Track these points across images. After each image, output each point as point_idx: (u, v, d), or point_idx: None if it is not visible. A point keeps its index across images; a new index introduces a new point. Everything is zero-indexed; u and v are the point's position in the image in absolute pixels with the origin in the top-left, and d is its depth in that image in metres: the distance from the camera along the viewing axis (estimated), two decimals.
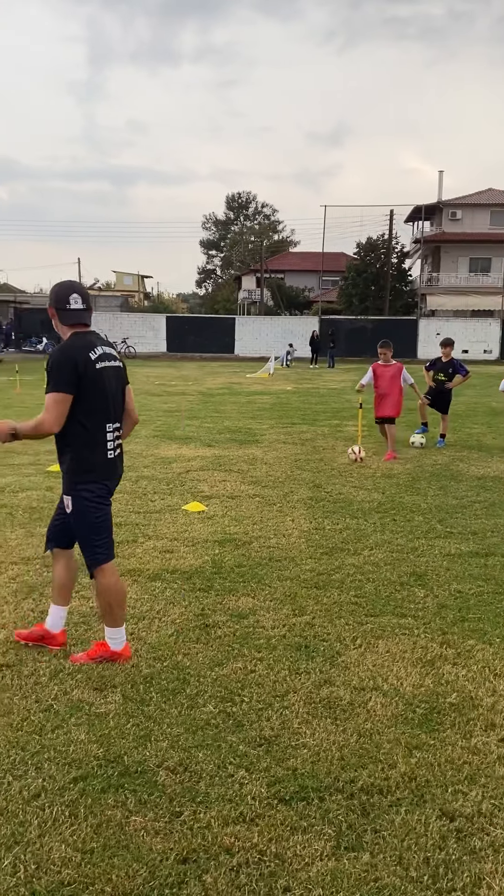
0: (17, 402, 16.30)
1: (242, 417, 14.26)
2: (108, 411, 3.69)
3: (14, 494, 7.48)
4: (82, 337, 3.68)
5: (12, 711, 3.32)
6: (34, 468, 8.86)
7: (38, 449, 10.17)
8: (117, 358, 3.84)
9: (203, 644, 4.06)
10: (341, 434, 12.11)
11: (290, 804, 2.72)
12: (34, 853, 2.45)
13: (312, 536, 6.14)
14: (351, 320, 43.12)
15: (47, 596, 4.71)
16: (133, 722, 3.26)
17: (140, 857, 2.43)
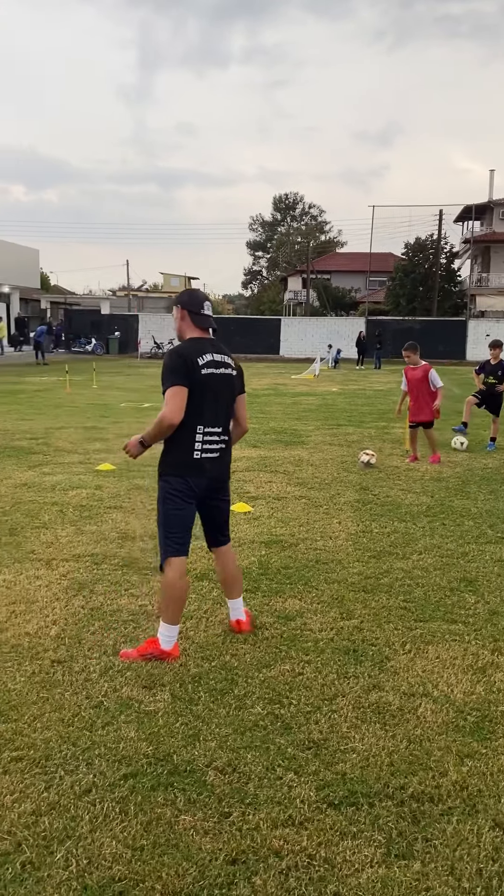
0: (68, 401, 16.57)
1: (288, 418, 14.24)
2: (202, 415, 3.83)
3: (64, 492, 7.60)
4: (197, 342, 3.89)
5: (63, 707, 3.38)
6: (83, 467, 9.00)
7: (88, 448, 10.34)
8: (231, 366, 3.97)
9: (251, 645, 4.06)
10: (388, 436, 12.00)
11: (339, 809, 2.70)
12: (86, 848, 2.48)
13: (360, 539, 6.09)
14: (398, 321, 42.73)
15: (98, 593, 4.79)
16: (182, 721, 3.28)
17: (189, 857, 2.45)
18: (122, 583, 5.01)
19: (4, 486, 7.79)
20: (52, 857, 2.44)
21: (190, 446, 3.84)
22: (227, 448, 4.02)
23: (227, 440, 4.00)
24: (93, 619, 4.39)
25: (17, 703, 3.40)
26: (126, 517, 6.69)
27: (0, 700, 3.42)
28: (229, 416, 4.01)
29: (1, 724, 3.21)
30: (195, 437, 3.84)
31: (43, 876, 2.35)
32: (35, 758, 2.98)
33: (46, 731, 3.17)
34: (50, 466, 8.99)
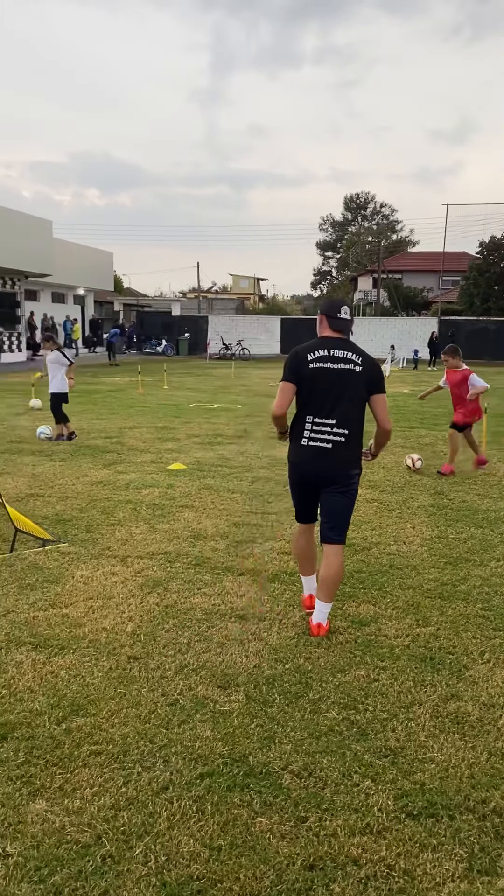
0: (140, 401, 16.84)
1: None
2: (310, 406, 4.12)
3: (138, 491, 7.72)
4: (320, 340, 4.20)
5: (140, 703, 3.42)
6: (156, 466, 9.12)
7: (160, 448, 10.48)
8: (355, 363, 4.13)
9: (325, 649, 4.03)
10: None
11: (418, 820, 2.65)
12: (164, 845, 2.50)
13: (435, 545, 5.97)
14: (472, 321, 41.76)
15: (171, 591, 4.84)
16: (256, 722, 3.27)
17: (267, 859, 2.44)
18: (195, 581, 5.04)
19: (81, 484, 7.97)
20: (132, 851, 2.47)
21: (300, 435, 4.18)
22: (344, 442, 4.11)
23: (344, 434, 4.10)
24: (167, 616, 4.44)
25: (95, 697, 3.46)
26: (198, 516, 6.74)
27: (79, 694, 3.49)
28: (349, 410, 4.11)
29: (80, 718, 3.28)
30: (304, 426, 4.15)
31: (123, 870, 2.39)
32: (113, 753, 3.03)
33: (124, 727, 3.22)
34: (124, 465, 9.15)
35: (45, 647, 3.98)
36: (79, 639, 4.10)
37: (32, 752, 3.02)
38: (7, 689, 3.52)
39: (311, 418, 4.11)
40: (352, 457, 4.17)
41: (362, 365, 4.13)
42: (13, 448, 10.15)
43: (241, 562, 5.49)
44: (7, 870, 2.38)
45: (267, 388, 21.57)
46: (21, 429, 12.00)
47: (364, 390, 4.14)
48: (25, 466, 8.91)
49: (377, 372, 4.22)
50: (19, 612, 4.45)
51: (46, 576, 5.10)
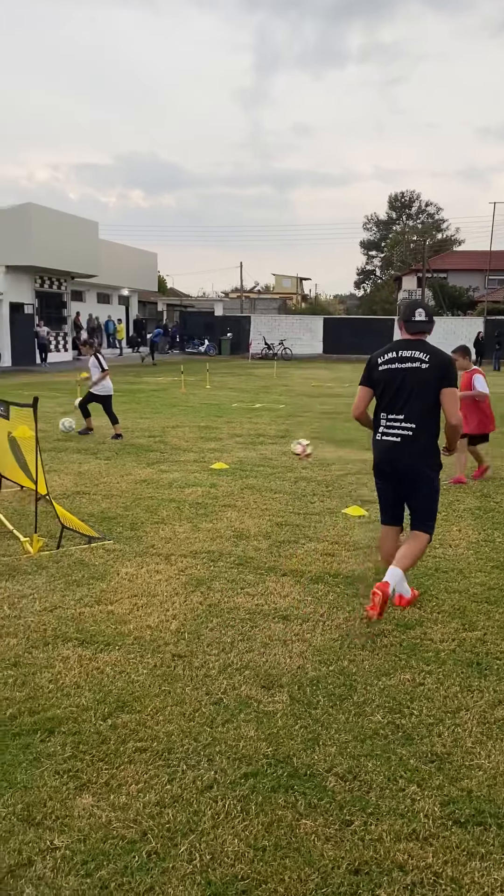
0: (182, 401, 16.95)
1: None
2: (384, 404, 4.48)
3: (181, 490, 7.77)
4: (393, 343, 4.54)
5: (184, 701, 3.44)
6: (198, 465, 9.17)
7: (202, 447, 10.53)
8: (422, 360, 4.39)
9: (369, 652, 3.99)
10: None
11: (465, 827, 2.61)
12: (208, 843, 2.51)
13: (482, 548, 5.87)
14: None
15: (215, 590, 4.86)
16: (301, 724, 3.26)
17: (311, 862, 2.43)
18: (239, 581, 5.05)
19: (125, 483, 8.05)
20: (177, 849, 2.48)
21: (376, 431, 4.56)
22: (411, 436, 4.38)
23: (412, 428, 4.37)
24: (211, 615, 4.45)
25: (140, 694, 3.49)
26: (240, 516, 6.76)
27: (124, 691, 3.52)
28: (417, 406, 4.37)
29: (125, 715, 3.31)
30: (379, 422, 4.52)
31: (168, 867, 2.40)
32: (158, 750, 3.05)
33: (168, 725, 3.24)
34: (167, 464, 9.22)
35: (91, 643, 4.03)
36: (124, 635, 4.14)
37: (79, 746, 3.06)
38: (54, 684, 3.57)
39: (384, 415, 4.48)
40: (422, 450, 4.40)
41: (429, 362, 4.37)
42: (60, 446, 10.31)
43: (285, 562, 5.48)
44: (55, 862, 2.41)
45: (309, 387, 21.51)
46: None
47: (433, 386, 4.35)
48: (72, 464, 9.04)
49: (445, 368, 4.39)
50: (66, 608, 4.51)
51: (92, 572, 5.16)
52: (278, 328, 41.97)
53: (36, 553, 5.54)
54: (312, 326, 42.31)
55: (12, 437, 7.05)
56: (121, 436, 11.12)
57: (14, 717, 3.27)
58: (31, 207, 27.58)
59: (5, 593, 4.74)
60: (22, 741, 3.09)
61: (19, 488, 7.51)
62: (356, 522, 6.62)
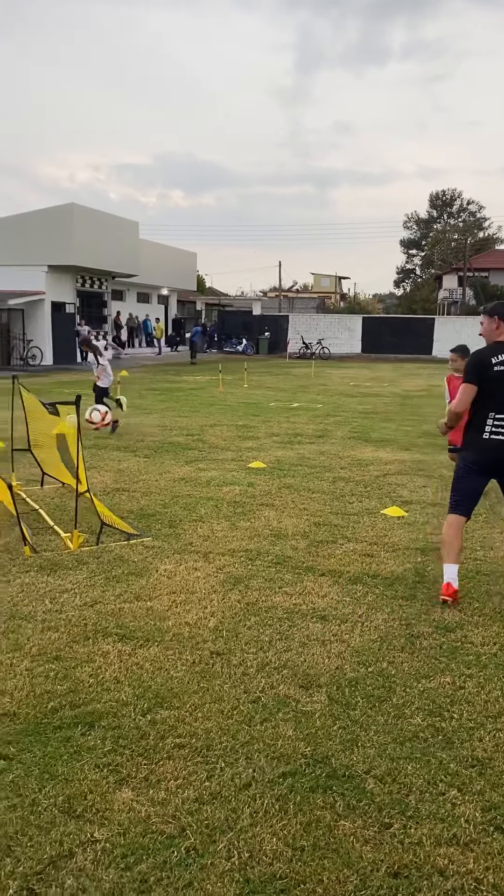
0: (220, 399, 17.01)
1: None
2: (494, 404, 4.59)
3: (219, 488, 7.80)
4: (498, 345, 4.64)
5: (223, 699, 3.45)
6: (236, 464, 9.19)
7: (240, 446, 10.55)
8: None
9: (408, 654, 3.96)
10: None
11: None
12: (247, 841, 2.51)
13: None
14: None
15: (253, 588, 4.86)
16: (339, 724, 3.25)
17: (350, 864, 2.41)
18: (276, 580, 5.05)
19: (164, 480, 8.11)
20: (215, 846, 2.49)
21: (481, 430, 4.63)
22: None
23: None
24: (249, 613, 4.46)
25: (179, 691, 3.51)
26: (278, 515, 6.75)
27: (163, 687, 3.54)
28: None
29: (164, 711, 3.33)
30: (486, 421, 4.61)
31: (206, 864, 2.41)
32: (197, 746, 3.06)
33: (207, 722, 3.25)
34: (205, 462, 9.26)
35: (130, 639, 4.07)
36: (163, 632, 4.17)
37: (119, 741, 3.09)
38: (94, 679, 3.61)
39: (493, 415, 4.58)
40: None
41: None
42: (100, 443, 10.42)
43: (323, 562, 5.46)
44: (95, 855, 2.44)
45: (347, 387, 21.41)
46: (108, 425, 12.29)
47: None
48: (112, 461, 9.13)
49: None
50: (106, 604, 4.56)
51: (131, 569, 5.21)
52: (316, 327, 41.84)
53: (77, 549, 5.61)
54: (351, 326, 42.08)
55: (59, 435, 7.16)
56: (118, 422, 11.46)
57: (55, 710, 3.31)
58: (72, 208, 27.94)
59: (47, 588, 4.81)
60: (63, 734, 3.13)
61: (61, 485, 7.62)
62: (396, 523, 6.56)
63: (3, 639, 4.06)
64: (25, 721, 3.23)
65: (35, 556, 5.44)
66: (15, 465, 7.57)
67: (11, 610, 4.45)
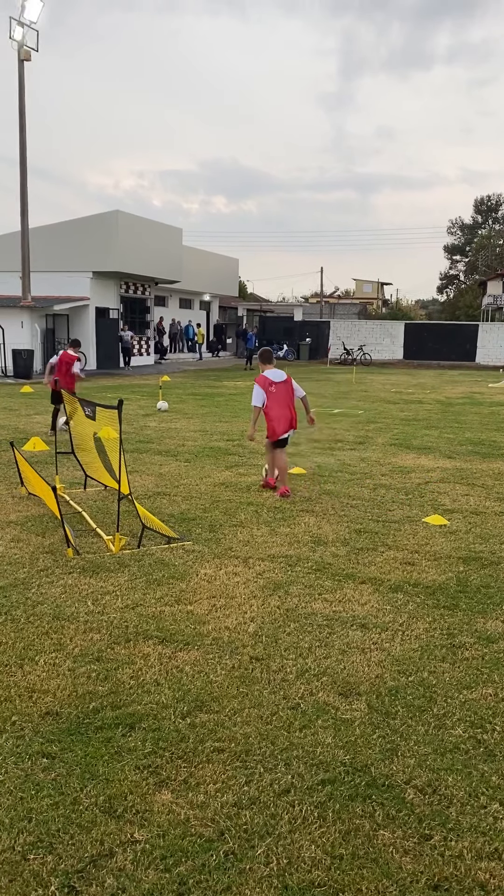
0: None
1: (486, 429, 13.61)
2: None
3: (259, 493, 7.81)
4: None
5: (262, 704, 3.45)
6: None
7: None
8: None
9: (450, 664, 3.91)
10: None
11: None
12: (285, 848, 2.51)
13: None
14: None
15: (292, 594, 4.86)
16: (379, 733, 3.22)
17: (389, 874, 2.39)
18: (316, 586, 5.04)
19: (205, 485, 8.15)
20: (254, 851, 2.49)
21: None
22: None
23: None
24: (288, 619, 4.45)
25: (219, 695, 3.53)
26: (318, 521, 6.73)
27: (203, 691, 3.56)
28: None
29: (204, 714, 3.35)
30: None
31: (245, 868, 2.41)
32: (236, 751, 3.07)
33: (246, 727, 3.26)
34: (245, 468, 9.28)
35: (170, 642, 4.10)
36: (203, 636, 4.19)
37: (159, 743, 3.11)
38: (135, 681, 3.65)
39: None
40: None
41: None
42: (142, 448, 10.53)
43: (363, 569, 5.43)
44: (135, 855, 2.46)
45: (389, 393, 21.24)
46: (150, 429, 12.42)
47: None
48: (153, 465, 9.21)
49: None
50: (147, 606, 4.60)
51: (172, 572, 5.25)
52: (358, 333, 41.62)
53: (118, 551, 5.67)
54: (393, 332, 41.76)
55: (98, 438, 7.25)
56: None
57: (97, 711, 3.36)
58: (117, 215, 28.31)
59: (89, 589, 4.88)
60: (104, 735, 3.17)
61: (103, 487, 7.72)
62: (437, 532, 6.49)
63: (46, 639, 4.12)
64: (68, 720, 3.28)
65: (78, 558, 5.52)
66: (59, 467, 7.69)
67: (55, 610, 4.52)
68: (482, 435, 12.76)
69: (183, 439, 11.43)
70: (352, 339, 40.39)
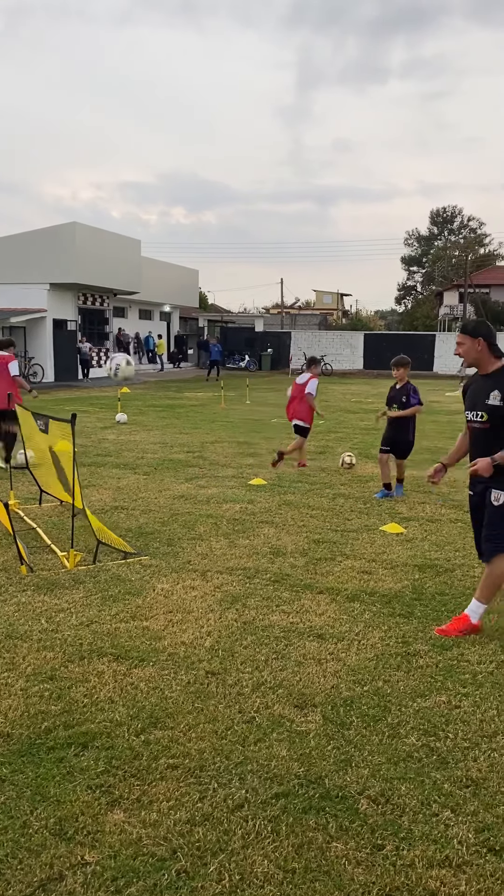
0: (222, 416, 17.03)
1: (442, 437, 13.80)
2: None
3: (218, 505, 7.80)
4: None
5: (217, 719, 3.43)
6: (236, 481, 9.19)
7: (241, 463, 10.56)
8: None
9: (404, 672, 3.94)
10: None
11: (500, 855, 2.55)
12: (238, 863, 2.50)
13: None
14: None
15: (250, 607, 4.85)
16: (333, 744, 3.23)
17: (342, 886, 2.40)
18: (274, 598, 5.04)
19: (163, 498, 8.11)
20: (206, 868, 2.47)
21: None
22: None
23: None
24: (245, 632, 4.45)
25: (174, 711, 3.50)
26: (277, 532, 6.75)
27: (157, 707, 3.53)
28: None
29: (158, 731, 3.32)
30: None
31: (197, 886, 2.39)
32: (190, 767, 3.05)
33: (200, 742, 3.24)
34: (205, 479, 9.27)
35: (125, 659, 4.06)
36: (158, 651, 4.16)
37: (112, 762, 3.08)
38: (89, 699, 3.60)
39: None
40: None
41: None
42: (99, 461, 10.44)
43: (321, 579, 5.45)
44: (85, 878, 2.42)
45: (349, 403, 21.43)
46: (108, 442, 12.33)
47: None
48: (111, 479, 9.14)
49: None
50: (102, 623, 4.55)
51: (128, 588, 5.20)
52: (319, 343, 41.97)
53: (73, 567, 5.61)
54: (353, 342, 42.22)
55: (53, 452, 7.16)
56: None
57: (49, 731, 3.30)
58: (75, 226, 28.15)
59: (43, 607, 4.81)
60: (56, 755, 3.12)
61: (59, 503, 7.63)
62: (394, 540, 6.56)
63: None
64: (19, 741, 3.22)
65: (32, 575, 5.45)
66: (13, 483, 7.58)
67: (7, 629, 4.45)
68: (438, 443, 12.94)
69: (142, 452, 11.37)
70: (312, 350, 40.68)
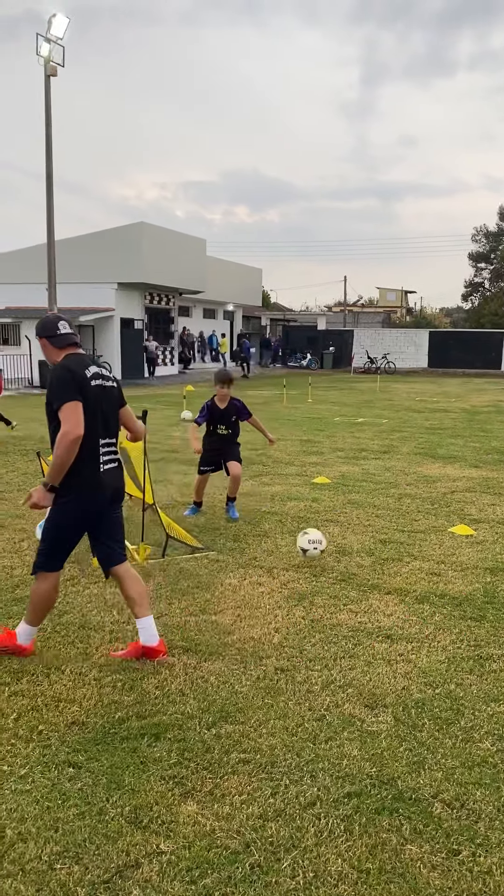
0: (284, 414, 17.02)
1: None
2: (96, 427, 3.85)
3: (283, 503, 7.80)
4: (76, 357, 3.94)
5: (287, 715, 3.44)
6: (300, 479, 9.18)
7: (304, 461, 10.53)
8: (111, 378, 4.10)
9: (477, 676, 3.87)
10: None
11: None
12: (311, 861, 2.49)
13: None
14: None
15: (317, 605, 4.84)
16: (405, 746, 3.19)
17: (417, 889, 2.37)
18: (341, 597, 5.01)
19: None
20: (279, 864, 2.48)
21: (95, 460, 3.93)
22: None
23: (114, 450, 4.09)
24: (313, 630, 4.44)
25: (244, 706, 3.52)
26: (342, 531, 6.71)
27: (228, 701, 3.56)
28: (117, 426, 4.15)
29: (229, 725, 3.34)
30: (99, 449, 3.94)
31: (271, 881, 2.40)
32: (261, 763, 3.06)
33: (271, 738, 3.24)
34: (269, 477, 9.28)
35: (195, 652, 4.10)
36: (227, 646, 4.19)
37: (184, 754, 3.11)
38: (160, 691, 3.65)
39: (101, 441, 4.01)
40: None
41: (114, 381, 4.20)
42: (168, 457, 10.57)
43: (388, 580, 5.40)
44: (161, 866, 2.46)
45: (413, 402, 21.13)
46: (175, 439, 12.47)
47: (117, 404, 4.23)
48: (178, 475, 9.24)
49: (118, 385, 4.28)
50: (172, 616, 4.61)
51: (196, 582, 5.26)
52: (382, 342, 41.48)
53: (143, 561, 5.70)
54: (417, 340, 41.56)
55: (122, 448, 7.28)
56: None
57: (122, 721, 3.36)
58: (142, 226, 28.58)
59: (115, 599, 4.90)
60: (130, 745, 3.18)
61: (128, 497, 7.75)
62: (464, 542, 6.43)
63: (72, 648, 4.15)
64: (94, 730, 3.29)
65: None
66: None
67: (81, 619, 4.55)
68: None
69: None
70: (376, 348, 40.27)
